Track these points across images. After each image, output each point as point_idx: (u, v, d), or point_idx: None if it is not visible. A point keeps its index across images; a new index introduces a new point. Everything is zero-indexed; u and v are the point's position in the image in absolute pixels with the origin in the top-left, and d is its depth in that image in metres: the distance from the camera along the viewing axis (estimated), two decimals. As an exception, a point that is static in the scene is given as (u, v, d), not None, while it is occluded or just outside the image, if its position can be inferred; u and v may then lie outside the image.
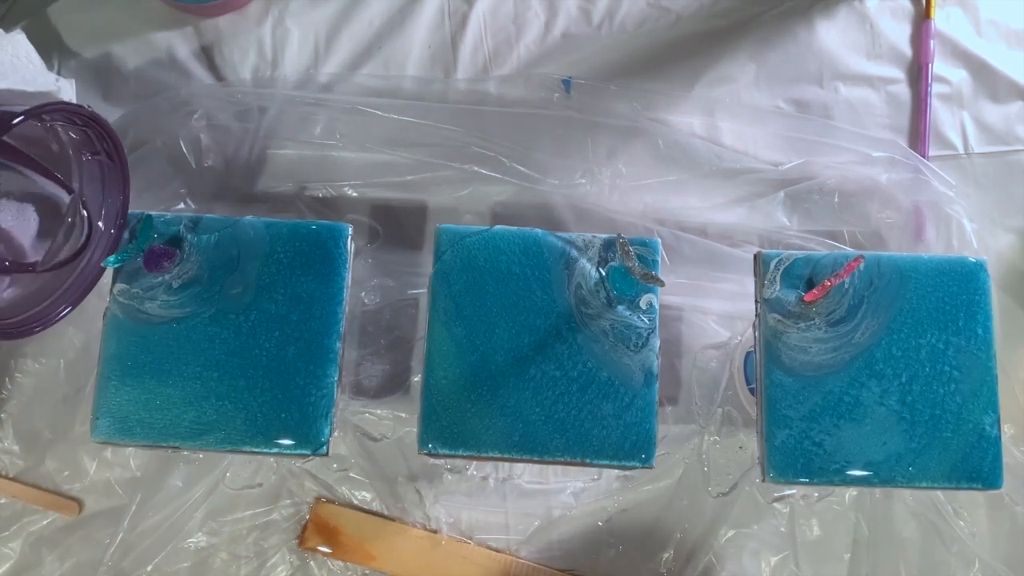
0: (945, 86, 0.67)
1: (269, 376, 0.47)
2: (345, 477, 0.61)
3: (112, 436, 0.46)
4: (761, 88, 0.67)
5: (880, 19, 0.68)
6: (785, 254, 0.48)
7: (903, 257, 0.48)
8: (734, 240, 0.63)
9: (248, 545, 0.60)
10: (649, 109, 0.65)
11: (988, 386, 0.46)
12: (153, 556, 0.59)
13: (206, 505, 0.60)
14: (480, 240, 0.49)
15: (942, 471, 0.45)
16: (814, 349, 0.47)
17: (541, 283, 0.48)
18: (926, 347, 0.47)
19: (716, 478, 0.60)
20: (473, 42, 0.68)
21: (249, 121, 0.65)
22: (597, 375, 0.47)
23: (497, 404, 0.46)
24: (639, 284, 0.47)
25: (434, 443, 0.46)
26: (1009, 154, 0.66)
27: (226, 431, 0.47)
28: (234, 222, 0.49)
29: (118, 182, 0.49)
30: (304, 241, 0.49)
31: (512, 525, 0.60)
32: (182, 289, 0.48)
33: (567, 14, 0.68)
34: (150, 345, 0.47)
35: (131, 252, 0.46)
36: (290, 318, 0.48)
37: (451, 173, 0.64)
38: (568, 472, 0.61)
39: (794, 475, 0.45)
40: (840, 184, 0.64)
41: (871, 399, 0.46)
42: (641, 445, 0.46)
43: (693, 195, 0.64)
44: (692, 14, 0.68)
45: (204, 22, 0.67)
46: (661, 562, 0.60)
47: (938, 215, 0.62)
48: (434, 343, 0.47)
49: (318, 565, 0.60)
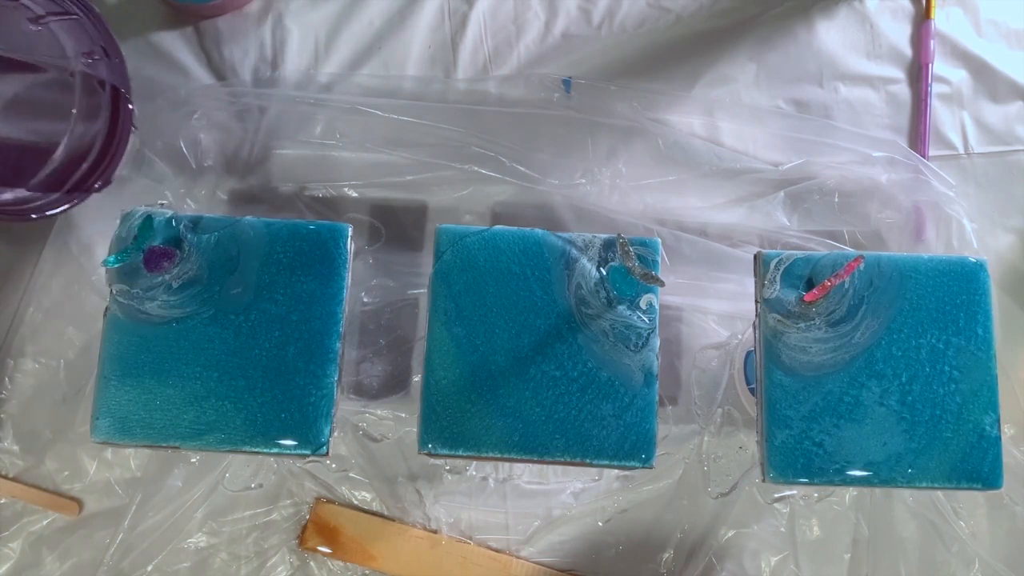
0: (945, 86, 0.67)
1: (269, 376, 0.47)
2: (345, 477, 0.61)
3: (112, 436, 0.46)
4: (761, 88, 0.67)
5: (880, 19, 0.68)
6: (785, 254, 0.48)
7: (903, 257, 0.48)
8: (734, 240, 0.63)
9: (248, 545, 0.60)
10: (649, 109, 0.65)
11: (988, 386, 0.46)
12: (153, 556, 0.59)
13: (206, 505, 0.60)
14: (480, 240, 0.49)
15: (942, 471, 0.45)
16: (814, 349, 0.47)
17: (541, 283, 0.48)
18: (926, 347, 0.47)
19: (716, 478, 0.60)
20: (473, 42, 0.68)
21: (249, 121, 0.65)
22: (597, 375, 0.47)
23: (497, 404, 0.46)
24: (639, 284, 0.47)
25: (434, 443, 0.46)
26: (1009, 154, 0.66)
27: (226, 431, 0.47)
28: (234, 222, 0.49)
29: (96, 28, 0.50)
30: (304, 241, 0.49)
31: (512, 525, 0.60)
32: (182, 289, 0.48)
33: (567, 14, 0.68)
34: (150, 345, 0.47)
35: (131, 252, 0.46)
36: (290, 318, 0.48)
37: (451, 173, 0.64)
38: (568, 472, 0.61)
39: (794, 475, 0.45)
40: (840, 184, 0.64)
41: (871, 399, 0.46)
42: (641, 445, 0.46)
43: (693, 195, 0.64)
44: (692, 14, 0.68)
45: (204, 22, 0.67)
46: (661, 562, 0.60)
47: (938, 215, 0.62)
48: (434, 343, 0.47)
49: (318, 565, 0.60)
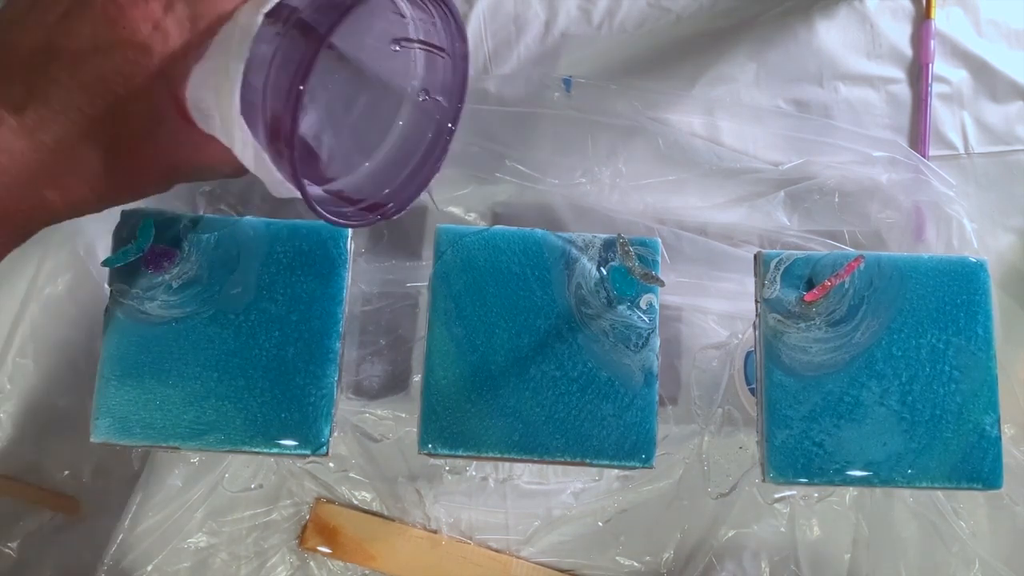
0: (945, 86, 0.67)
1: (269, 376, 0.47)
2: (345, 477, 0.61)
3: (112, 436, 0.46)
4: (761, 88, 0.67)
5: (880, 19, 0.68)
6: (785, 254, 0.48)
7: (903, 257, 0.48)
8: (734, 240, 0.63)
9: (248, 545, 0.60)
10: (649, 108, 0.65)
11: (988, 386, 0.46)
12: (153, 556, 0.59)
13: (206, 505, 0.60)
14: (480, 240, 0.49)
15: (942, 471, 0.45)
16: (814, 349, 0.47)
17: (541, 283, 0.48)
18: (926, 347, 0.47)
19: (716, 478, 0.60)
20: (473, 42, 0.68)
21: (249, 121, 0.65)
22: (597, 375, 0.47)
23: (497, 404, 0.46)
24: (639, 284, 0.47)
25: (434, 443, 0.46)
26: (1009, 154, 0.66)
27: (226, 431, 0.47)
28: (234, 222, 0.49)
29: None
30: (304, 241, 0.49)
31: (512, 525, 0.60)
32: (182, 289, 0.48)
33: (567, 14, 0.68)
34: (150, 345, 0.47)
35: (131, 252, 0.46)
36: (290, 318, 0.48)
37: (451, 173, 0.64)
38: (568, 472, 0.61)
39: (794, 475, 0.45)
40: (840, 184, 0.64)
41: (871, 399, 0.46)
42: (641, 445, 0.46)
43: (693, 194, 0.64)
44: (692, 14, 0.68)
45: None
46: (661, 562, 0.60)
47: (938, 215, 0.62)
48: (434, 343, 0.47)
49: (318, 565, 0.60)
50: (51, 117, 0.35)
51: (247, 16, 0.35)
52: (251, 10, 0.35)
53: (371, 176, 0.44)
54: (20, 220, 0.36)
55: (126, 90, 0.35)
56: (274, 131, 0.36)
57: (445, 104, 0.45)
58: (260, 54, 0.35)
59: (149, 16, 0.35)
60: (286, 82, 0.34)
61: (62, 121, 0.35)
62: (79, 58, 0.35)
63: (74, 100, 0.35)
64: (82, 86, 0.35)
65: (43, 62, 0.35)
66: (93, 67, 0.35)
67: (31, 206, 0.36)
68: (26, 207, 0.35)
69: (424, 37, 0.43)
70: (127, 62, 0.35)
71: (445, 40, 0.43)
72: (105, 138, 0.36)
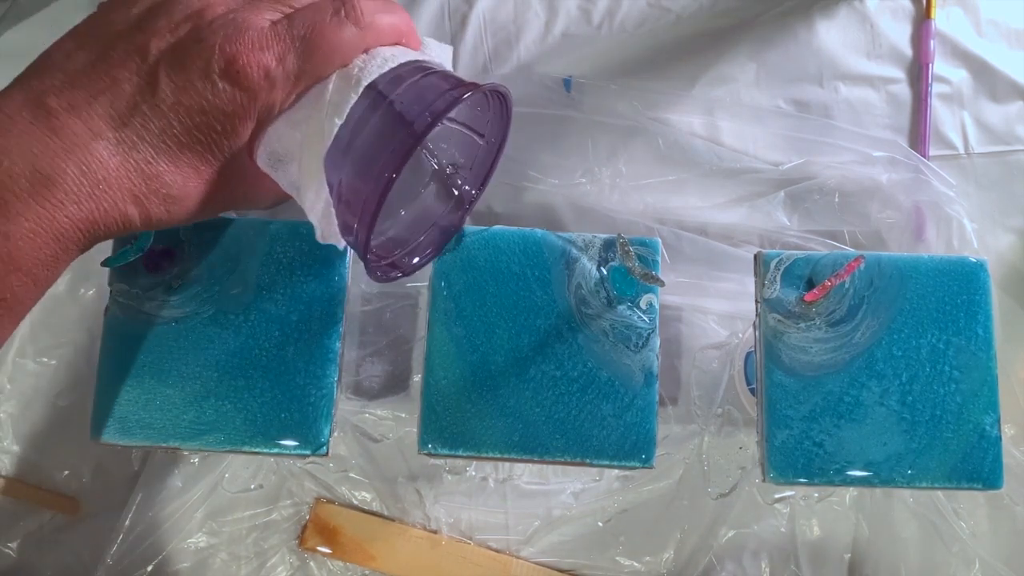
0: (945, 86, 0.67)
1: (269, 376, 0.47)
2: (345, 477, 0.61)
3: (112, 436, 0.46)
4: (761, 88, 0.67)
5: (880, 19, 0.68)
6: (785, 254, 0.48)
7: (903, 257, 0.48)
8: (734, 240, 0.63)
9: (248, 545, 0.60)
10: (649, 108, 0.65)
11: (988, 386, 0.46)
12: (153, 556, 0.59)
13: (206, 505, 0.60)
14: (480, 240, 0.49)
15: (942, 471, 0.45)
16: (814, 349, 0.47)
17: (541, 283, 0.48)
18: (926, 347, 0.47)
19: (716, 478, 0.60)
20: (473, 42, 0.68)
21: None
22: (597, 375, 0.47)
23: (497, 404, 0.46)
24: (639, 284, 0.47)
25: (434, 443, 0.46)
26: (1009, 154, 0.66)
27: (226, 431, 0.47)
28: (234, 222, 0.49)
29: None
30: (304, 241, 0.49)
31: (512, 525, 0.60)
32: (182, 289, 0.48)
33: (567, 14, 0.68)
34: (150, 345, 0.47)
35: (131, 252, 0.46)
36: (290, 318, 0.48)
37: (451, 173, 0.64)
38: (568, 472, 0.61)
39: (794, 475, 0.45)
40: (840, 184, 0.64)
41: (871, 399, 0.46)
42: (641, 445, 0.46)
43: (693, 195, 0.64)
44: (692, 14, 0.68)
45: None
46: (661, 562, 0.60)
47: (938, 215, 0.62)
48: (434, 343, 0.47)
49: (318, 565, 0.60)
50: (147, 139, 0.36)
51: (344, 81, 0.37)
52: (348, 77, 0.37)
53: (391, 239, 0.46)
54: (100, 231, 0.37)
55: (222, 127, 0.37)
56: (348, 201, 0.38)
57: (469, 183, 0.47)
58: (355, 119, 0.37)
59: (263, 63, 0.36)
60: (378, 168, 0.36)
61: (156, 145, 0.36)
62: (186, 89, 0.36)
63: (172, 127, 0.36)
64: (183, 116, 0.36)
65: (150, 85, 0.36)
66: (198, 100, 0.36)
67: (114, 219, 0.37)
68: (109, 220, 0.36)
69: (467, 120, 0.45)
70: (231, 102, 0.36)
71: (491, 131, 0.46)
72: (189, 168, 0.38)
